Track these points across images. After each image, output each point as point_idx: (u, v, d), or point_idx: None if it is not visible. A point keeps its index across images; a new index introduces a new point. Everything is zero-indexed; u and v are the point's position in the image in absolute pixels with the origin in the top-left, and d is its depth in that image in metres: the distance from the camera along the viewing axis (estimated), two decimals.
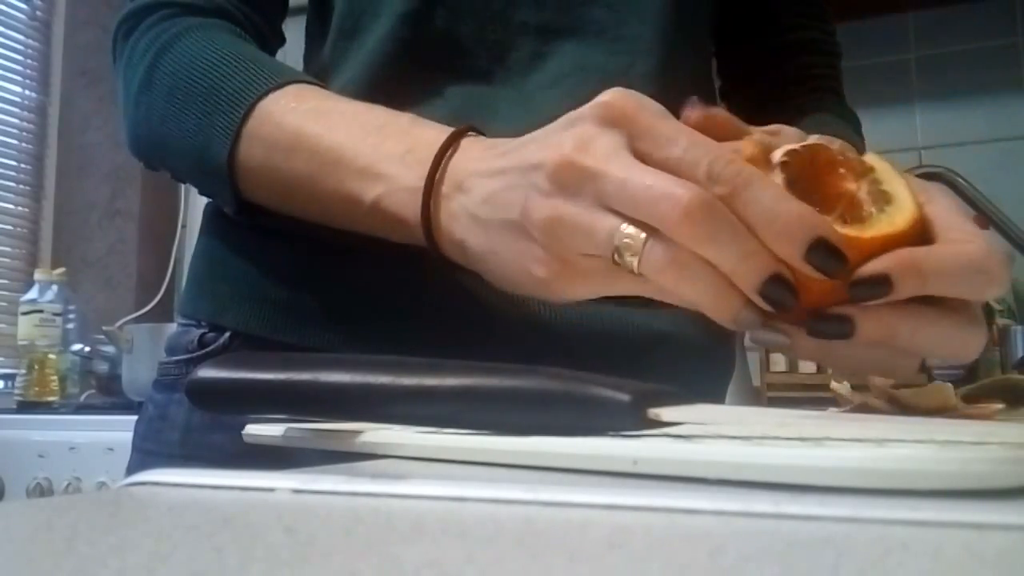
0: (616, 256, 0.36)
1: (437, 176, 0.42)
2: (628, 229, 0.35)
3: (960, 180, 1.18)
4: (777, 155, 0.37)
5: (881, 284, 0.34)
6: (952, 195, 0.41)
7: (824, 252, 0.33)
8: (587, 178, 0.36)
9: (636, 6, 0.56)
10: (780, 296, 0.34)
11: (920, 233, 0.37)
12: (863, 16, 1.75)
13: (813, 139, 0.38)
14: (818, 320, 0.36)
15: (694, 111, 0.38)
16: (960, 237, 0.37)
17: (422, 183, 0.42)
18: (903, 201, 0.37)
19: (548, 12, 0.56)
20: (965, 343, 0.37)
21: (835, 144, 0.38)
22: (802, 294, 0.35)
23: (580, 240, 0.37)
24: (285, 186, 0.49)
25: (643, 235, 0.35)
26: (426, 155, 0.43)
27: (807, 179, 0.36)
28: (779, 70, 0.71)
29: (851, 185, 0.37)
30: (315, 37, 0.61)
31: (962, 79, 1.73)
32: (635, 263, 0.35)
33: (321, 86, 0.51)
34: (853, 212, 0.36)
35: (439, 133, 0.44)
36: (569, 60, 0.55)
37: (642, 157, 0.36)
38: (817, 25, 0.72)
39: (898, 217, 0.36)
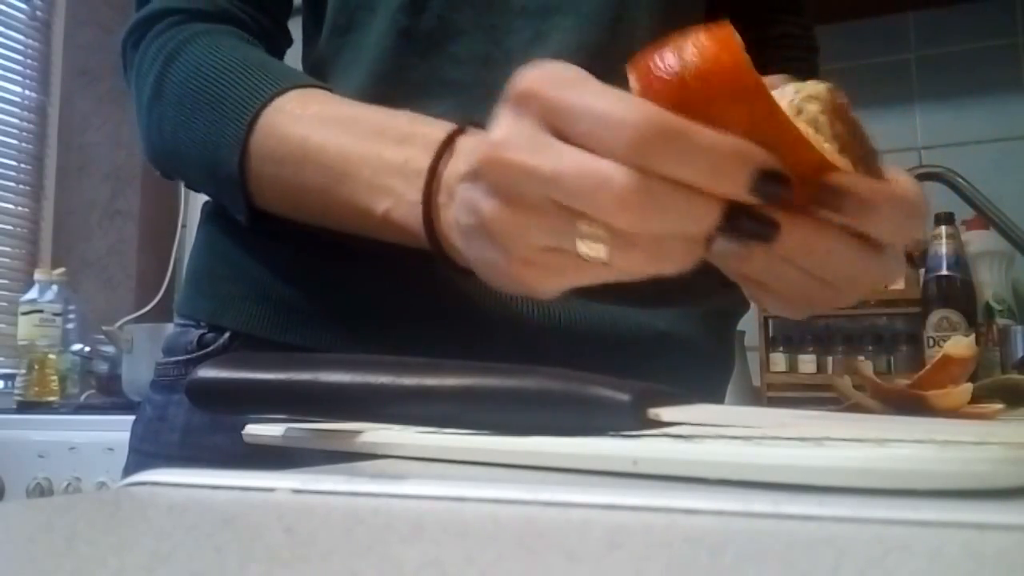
0: (585, 251, 0.35)
1: (434, 187, 0.42)
2: (587, 228, 0.34)
3: (960, 180, 1.18)
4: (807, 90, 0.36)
5: (842, 196, 0.34)
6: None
7: (767, 181, 0.33)
8: (517, 174, 0.35)
9: None
10: (745, 227, 0.34)
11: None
12: (863, 16, 1.75)
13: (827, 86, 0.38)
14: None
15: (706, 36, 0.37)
16: (900, 180, 0.37)
17: (420, 196, 0.42)
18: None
19: None
20: (879, 276, 0.38)
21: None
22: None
23: (538, 237, 0.36)
24: (297, 198, 0.50)
25: (597, 239, 0.34)
26: (422, 163, 0.43)
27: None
28: (758, 63, 0.71)
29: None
30: (311, 35, 0.61)
31: (962, 79, 1.73)
32: (604, 255, 0.34)
33: (323, 87, 0.51)
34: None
35: (436, 133, 0.43)
36: (571, 38, 0.55)
37: (562, 136, 0.34)
38: (795, 20, 0.73)
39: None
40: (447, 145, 0.42)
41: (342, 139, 0.46)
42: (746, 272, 0.40)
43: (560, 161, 0.34)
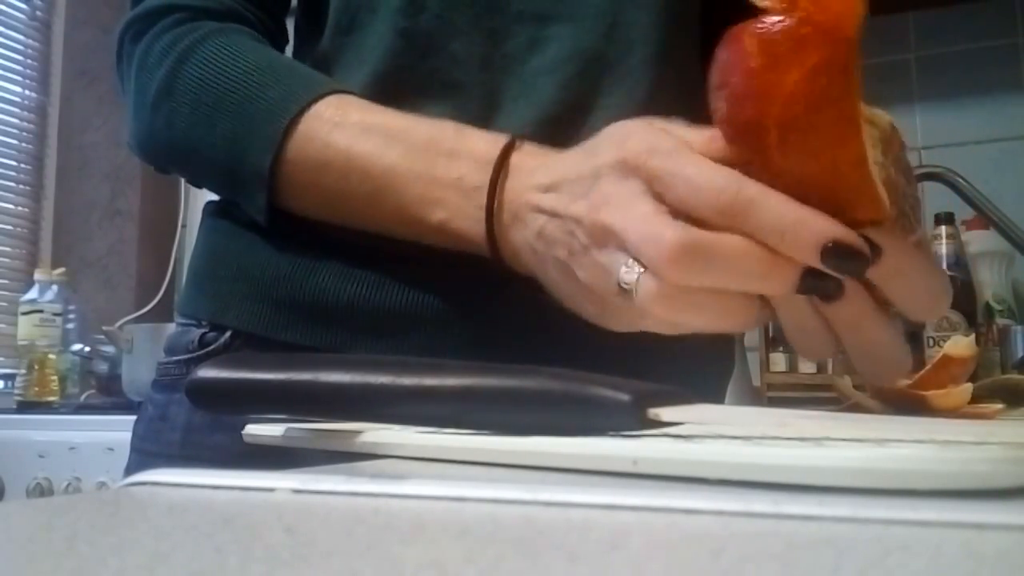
0: (621, 287, 0.38)
1: (495, 208, 0.45)
2: (626, 266, 0.37)
3: (960, 180, 1.18)
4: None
5: (862, 258, 0.34)
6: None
7: (840, 254, 0.34)
8: (606, 232, 0.39)
9: None
10: (817, 287, 0.36)
11: None
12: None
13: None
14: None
15: None
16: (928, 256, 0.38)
17: (482, 213, 0.45)
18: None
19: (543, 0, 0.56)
20: (904, 361, 0.39)
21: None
22: None
23: (606, 283, 0.39)
24: (338, 205, 0.50)
25: (637, 271, 0.37)
26: (479, 180, 0.45)
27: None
28: None
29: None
30: (306, 34, 0.61)
31: (962, 79, 1.73)
32: (633, 295, 0.37)
33: (354, 94, 0.51)
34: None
35: (486, 148, 0.46)
36: (568, 45, 0.55)
37: (660, 199, 0.38)
38: None
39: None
40: (502, 162, 0.45)
41: (389, 151, 0.47)
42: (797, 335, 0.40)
43: (632, 216, 0.37)
